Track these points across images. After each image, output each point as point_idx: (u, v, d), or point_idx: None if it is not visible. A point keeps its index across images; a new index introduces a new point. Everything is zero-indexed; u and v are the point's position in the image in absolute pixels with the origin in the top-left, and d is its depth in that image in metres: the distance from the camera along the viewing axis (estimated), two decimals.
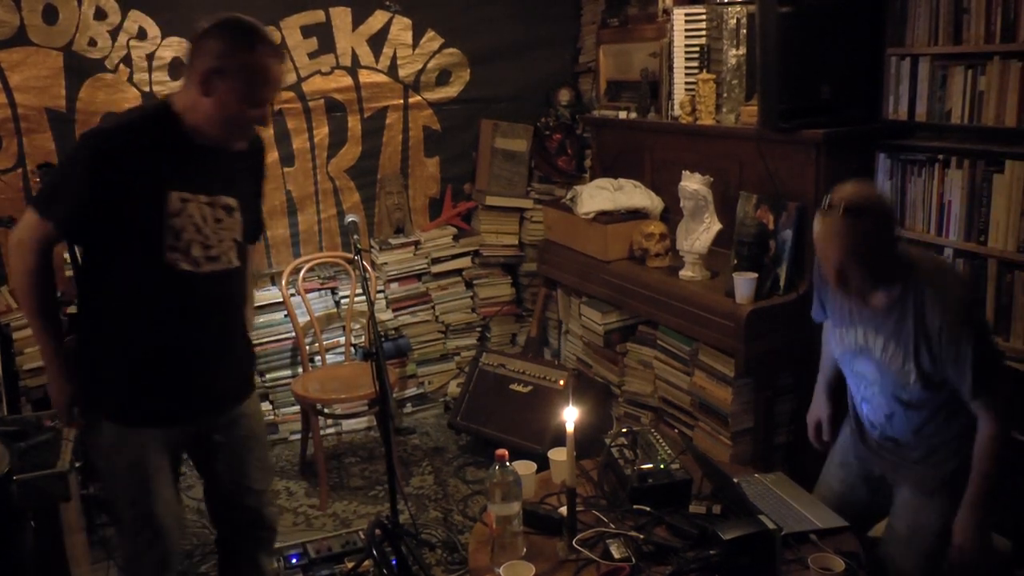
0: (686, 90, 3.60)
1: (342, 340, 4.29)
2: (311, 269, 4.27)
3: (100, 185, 1.97)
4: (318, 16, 4.31)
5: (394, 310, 4.55)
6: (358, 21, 4.40)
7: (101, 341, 2.14)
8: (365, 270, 2.56)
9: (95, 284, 2.12)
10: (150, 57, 4.02)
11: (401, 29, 4.48)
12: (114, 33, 3.95)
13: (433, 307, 4.65)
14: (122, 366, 2.12)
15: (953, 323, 1.97)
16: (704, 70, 3.51)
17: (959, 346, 1.96)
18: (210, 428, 2.29)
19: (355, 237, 2.69)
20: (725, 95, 3.42)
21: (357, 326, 4.33)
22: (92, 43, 3.92)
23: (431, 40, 4.56)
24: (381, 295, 4.53)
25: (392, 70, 4.53)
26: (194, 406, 2.22)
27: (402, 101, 4.60)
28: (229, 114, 2.02)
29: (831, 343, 2.35)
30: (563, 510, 2.14)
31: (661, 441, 2.46)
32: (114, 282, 2.08)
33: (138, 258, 2.05)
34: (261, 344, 3.86)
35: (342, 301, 4.40)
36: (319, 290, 4.37)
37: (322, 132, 4.46)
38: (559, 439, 2.21)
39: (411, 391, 4.57)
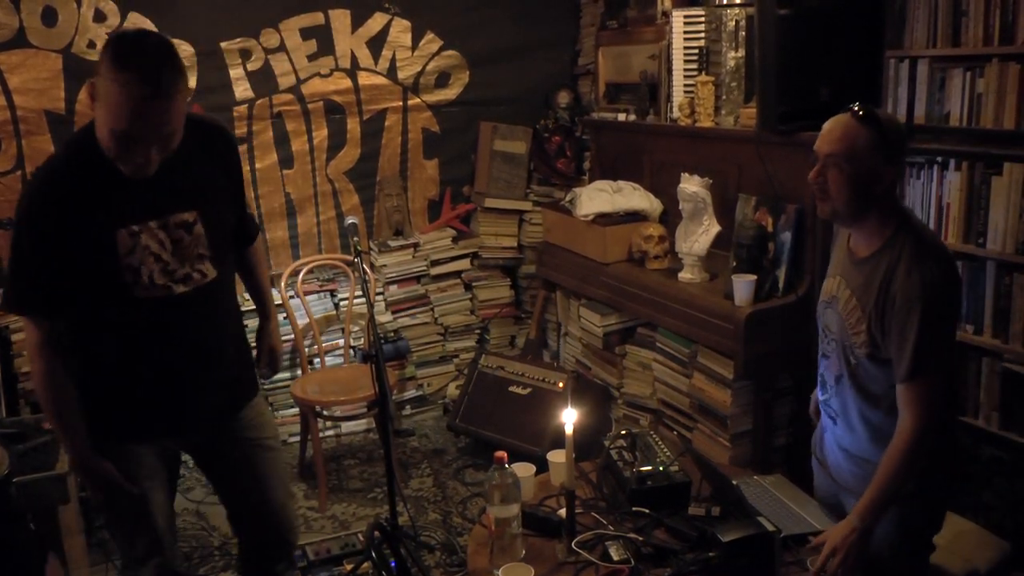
0: (685, 92, 3.60)
1: (341, 342, 4.29)
2: (310, 271, 4.27)
3: (50, 250, 1.86)
4: (317, 18, 4.32)
5: (393, 312, 4.55)
6: (357, 23, 4.40)
7: (81, 368, 2.04)
8: (364, 272, 2.56)
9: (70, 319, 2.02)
10: None
11: (400, 31, 4.49)
12: None
13: (432, 309, 4.65)
14: (105, 393, 2.05)
15: (910, 295, 1.87)
16: (703, 72, 3.52)
17: (907, 320, 1.87)
18: (215, 441, 2.22)
19: (354, 239, 2.69)
20: (724, 97, 3.42)
21: (356, 328, 4.33)
22: (91, 45, 3.92)
23: (430, 42, 4.57)
24: (380, 297, 4.53)
25: (391, 72, 4.53)
26: (181, 423, 2.14)
27: (401, 103, 4.60)
28: (106, 140, 1.81)
29: None
30: (562, 512, 2.14)
31: (660, 443, 2.46)
32: (86, 318, 1.99)
33: (107, 298, 1.95)
34: None
35: (341, 303, 4.40)
36: (318, 292, 4.37)
37: (321, 134, 4.47)
38: (558, 441, 2.21)
39: (410, 393, 4.57)
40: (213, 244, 2.05)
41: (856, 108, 1.96)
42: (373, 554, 2.59)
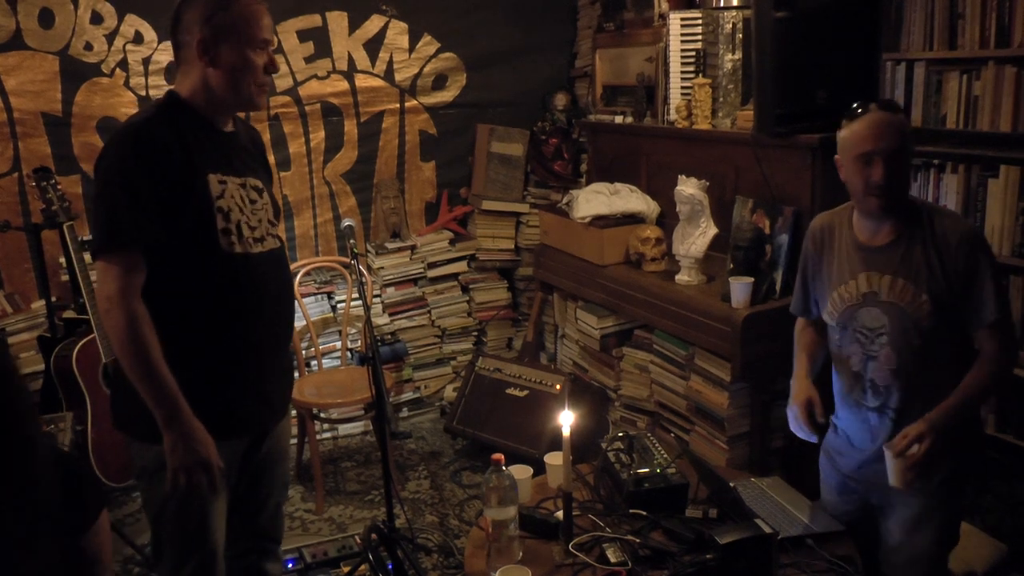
0: (682, 95, 3.61)
1: (338, 344, 4.29)
2: (307, 273, 4.26)
3: (153, 178, 1.88)
4: (315, 20, 4.32)
5: (390, 314, 4.54)
6: (354, 25, 4.41)
7: (166, 347, 1.93)
8: (361, 274, 2.56)
9: (147, 290, 1.93)
10: (146, 61, 4.02)
11: (397, 33, 4.49)
12: (110, 37, 3.95)
13: (429, 311, 4.65)
14: (184, 373, 1.93)
15: (971, 237, 1.98)
16: (700, 75, 3.52)
17: (979, 260, 1.97)
18: (256, 439, 2.17)
19: (351, 241, 2.69)
20: (721, 100, 3.43)
21: (353, 330, 4.33)
22: (88, 47, 3.92)
23: (427, 44, 4.57)
24: (377, 299, 4.53)
25: (388, 74, 4.53)
26: (258, 410, 2.10)
27: (398, 105, 4.61)
28: (241, 71, 1.99)
29: (825, 315, 2.23)
30: (559, 514, 2.14)
31: (657, 445, 2.46)
32: (168, 283, 1.94)
33: (193, 249, 1.95)
34: None
35: (338, 305, 4.40)
36: (315, 294, 4.37)
37: (318, 136, 4.46)
38: (555, 443, 2.21)
39: (407, 395, 4.57)
40: (276, 217, 2.17)
41: (866, 104, 2.01)
42: (370, 556, 2.58)
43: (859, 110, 2.01)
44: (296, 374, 4.12)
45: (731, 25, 3.35)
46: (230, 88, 2.00)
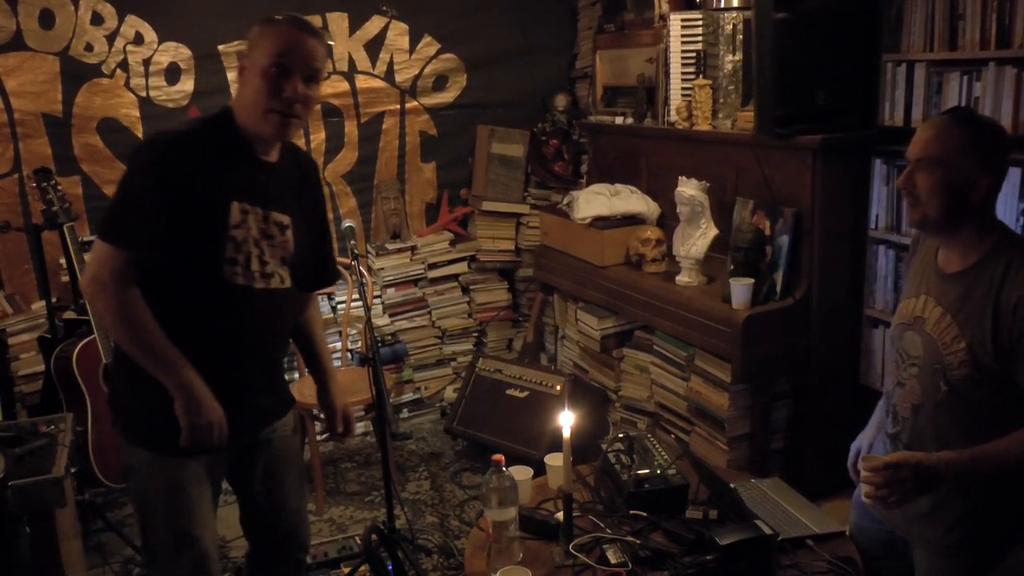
0: (682, 96, 3.61)
1: (339, 345, 4.29)
2: None
3: (169, 195, 1.86)
4: (315, 21, 4.32)
5: (391, 315, 4.55)
6: (355, 26, 4.41)
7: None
8: (362, 275, 2.56)
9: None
10: (147, 62, 4.02)
11: (398, 34, 4.49)
12: (111, 38, 3.95)
13: (430, 312, 4.65)
14: (164, 391, 1.95)
15: None
16: (700, 76, 3.52)
17: None
18: (246, 447, 2.18)
19: (352, 242, 2.69)
20: (721, 101, 3.43)
21: (354, 331, 4.33)
22: (89, 48, 3.92)
23: (428, 45, 4.57)
24: (378, 300, 4.53)
25: (389, 75, 4.54)
26: (235, 432, 2.07)
27: (399, 106, 4.61)
28: (256, 93, 1.90)
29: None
30: (559, 515, 2.14)
31: (658, 446, 2.46)
32: (163, 299, 1.93)
33: (194, 272, 1.93)
34: None
35: (339, 306, 4.39)
36: None
37: (319, 137, 4.46)
38: (555, 444, 2.21)
39: (407, 396, 4.57)
40: (296, 256, 2.10)
41: (954, 109, 1.85)
42: (370, 557, 2.58)
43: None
44: (296, 375, 4.13)
45: (731, 26, 3.35)
46: (249, 112, 1.93)
